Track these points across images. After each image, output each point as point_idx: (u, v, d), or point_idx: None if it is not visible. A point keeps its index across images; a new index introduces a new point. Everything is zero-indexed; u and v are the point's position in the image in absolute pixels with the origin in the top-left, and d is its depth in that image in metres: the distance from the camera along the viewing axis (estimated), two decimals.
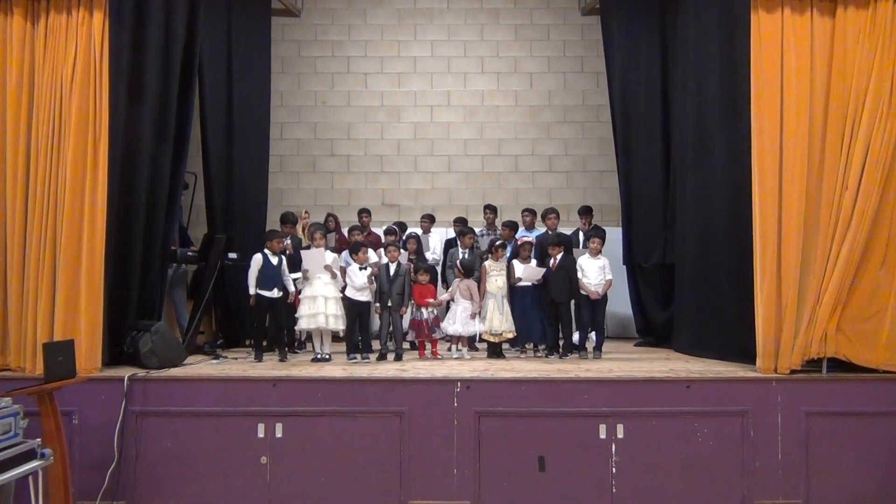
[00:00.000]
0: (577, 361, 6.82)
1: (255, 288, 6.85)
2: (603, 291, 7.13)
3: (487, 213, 9.13)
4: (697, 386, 5.58)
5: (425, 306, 7.03)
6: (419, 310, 7.02)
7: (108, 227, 6.00)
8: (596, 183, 10.79)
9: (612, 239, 8.77)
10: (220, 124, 8.47)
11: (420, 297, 7.07)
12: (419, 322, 7.01)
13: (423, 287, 7.09)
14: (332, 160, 10.99)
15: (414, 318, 7.03)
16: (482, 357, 7.23)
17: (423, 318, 6.98)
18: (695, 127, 7.28)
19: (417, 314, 7.03)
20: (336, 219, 9.13)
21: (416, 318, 7.01)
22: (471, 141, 11.02)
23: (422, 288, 7.08)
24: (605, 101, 9.63)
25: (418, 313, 7.02)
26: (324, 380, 5.70)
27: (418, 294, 7.08)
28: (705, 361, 6.65)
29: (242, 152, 8.81)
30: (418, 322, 7.01)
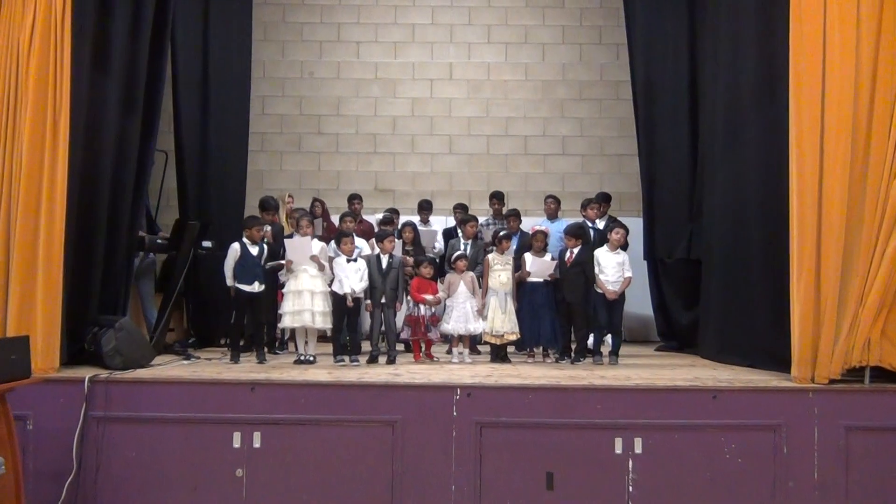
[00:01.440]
0: (591, 367, 6.82)
1: (233, 280, 6.86)
2: (621, 290, 7.13)
3: (493, 201, 9.12)
4: (725, 396, 5.58)
5: (422, 302, 7.03)
6: (417, 305, 7.02)
7: (69, 211, 5.98)
8: (614, 168, 10.79)
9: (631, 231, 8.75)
10: (195, 97, 8.45)
11: (417, 291, 7.07)
12: (416, 318, 7.01)
13: (423, 281, 7.08)
14: (319, 139, 10.98)
15: (410, 314, 7.04)
16: (485, 361, 7.23)
17: (420, 313, 6.99)
18: (726, 107, 7.26)
19: (415, 309, 7.03)
20: (323, 204, 9.12)
21: (413, 313, 7.02)
22: (475, 119, 11.00)
23: (422, 282, 7.07)
24: (625, 76, 9.61)
25: (416, 308, 7.03)
26: (307, 384, 5.70)
27: (416, 288, 7.08)
28: (734, 369, 6.65)
29: (219, 129, 8.80)
30: (415, 318, 7.02)
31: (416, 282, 7.12)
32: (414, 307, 7.06)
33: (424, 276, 7.13)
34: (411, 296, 7.10)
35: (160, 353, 7.10)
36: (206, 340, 8.27)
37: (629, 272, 7.20)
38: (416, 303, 7.06)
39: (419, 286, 7.11)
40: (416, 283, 7.12)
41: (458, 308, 7.06)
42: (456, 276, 7.15)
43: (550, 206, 8.91)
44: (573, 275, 7.12)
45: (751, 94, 6.79)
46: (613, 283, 7.12)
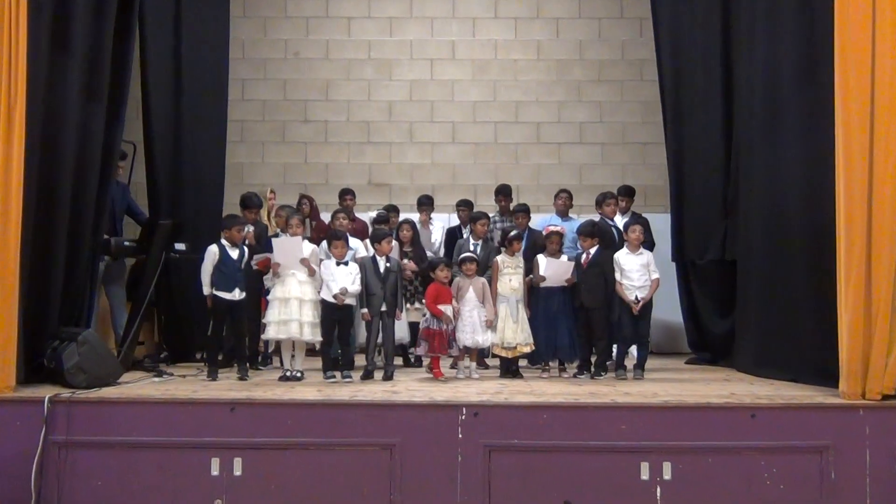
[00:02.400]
0: (614, 382, 6.82)
1: (210, 287, 6.86)
2: (650, 295, 7.12)
3: (500, 196, 9.11)
4: (765, 415, 5.57)
5: (439, 315, 6.90)
6: (434, 317, 6.94)
7: (25, 210, 5.98)
8: (638, 158, 10.77)
9: (658, 229, 8.77)
10: (166, 81, 8.45)
11: (436, 301, 6.92)
12: (434, 333, 6.89)
13: (442, 288, 6.97)
14: (306, 127, 10.98)
15: (427, 327, 6.93)
16: (493, 376, 7.23)
17: (440, 327, 6.89)
18: (763, 88, 7.25)
19: (432, 322, 6.92)
20: (311, 201, 9.13)
21: (431, 326, 6.93)
22: (481, 104, 10.99)
23: (440, 289, 6.96)
24: (650, 54, 9.60)
25: (433, 321, 6.93)
26: (294, 403, 5.70)
27: (434, 297, 6.94)
28: (775, 384, 6.65)
29: (194, 117, 8.80)
30: (432, 332, 6.89)
31: (433, 289, 6.98)
32: (431, 319, 6.95)
33: (442, 281, 7.00)
34: (427, 307, 6.98)
35: (129, 369, 7.10)
36: (180, 355, 8.27)
37: (656, 273, 7.19)
38: (433, 314, 6.93)
39: (438, 294, 6.96)
40: (434, 290, 6.97)
41: (465, 317, 7.03)
42: (465, 280, 7.12)
43: (563, 201, 8.88)
44: (591, 277, 7.11)
45: (791, 74, 6.78)
46: (640, 289, 7.11)
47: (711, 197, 8.51)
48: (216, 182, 9.28)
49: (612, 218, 8.29)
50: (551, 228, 7.38)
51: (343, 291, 6.71)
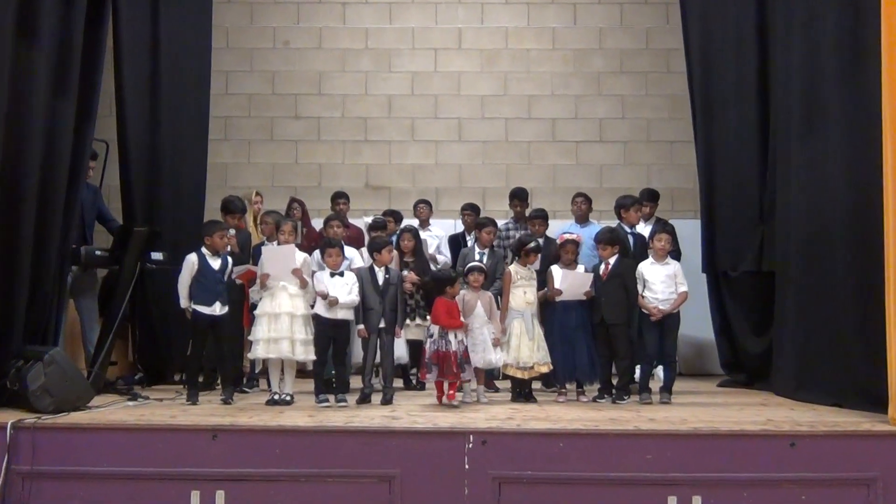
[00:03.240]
0: (638, 407, 6.82)
1: (188, 300, 6.88)
2: (674, 307, 7.13)
3: (514, 201, 9.12)
4: (806, 443, 5.55)
5: (455, 328, 6.76)
6: (445, 336, 6.81)
7: None
8: (664, 158, 10.79)
9: (687, 237, 8.77)
10: (142, 73, 8.47)
11: (448, 316, 6.79)
12: (446, 355, 6.75)
13: (451, 303, 6.88)
14: (296, 124, 11.02)
15: (437, 350, 6.75)
16: (504, 400, 7.23)
17: (451, 348, 6.76)
18: (802, 82, 7.26)
19: (440, 343, 6.78)
20: (302, 206, 9.15)
21: (441, 348, 6.78)
22: (490, 98, 11.02)
23: (449, 304, 6.88)
24: (677, 43, 9.62)
25: (441, 342, 6.78)
26: (283, 430, 5.69)
27: (445, 313, 6.82)
28: (817, 409, 6.64)
29: (172, 113, 8.82)
30: (445, 354, 6.74)
31: (444, 304, 6.83)
32: (440, 339, 6.79)
33: (448, 297, 6.85)
34: (438, 322, 6.79)
35: (100, 392, 7.10)
36: (156, 376, 8.28)
37: (684, 286, 7.19)
38: (443, 332, 6.77)
39: (450, 310, 6.83)
40: (445, 305, 6.83)
41: (474, 335, 7.00)
42: (472, 293, 7.12)
43: (580, 206, 8.87)
44: (612, 289, 7.11)
45: (833, 68, 6.79)
46: (664, 302, 7.12)
47: (746, 201, 8.51)
48: (197, 185, 9.31)
49: (633, 225, 8.25)
50: (566, 236, 7.37)
51: (333, 300, 6.71)
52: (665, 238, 7.28)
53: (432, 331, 6.84)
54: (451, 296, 6.90)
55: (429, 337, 6.86)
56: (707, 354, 9.44)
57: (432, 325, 6.88)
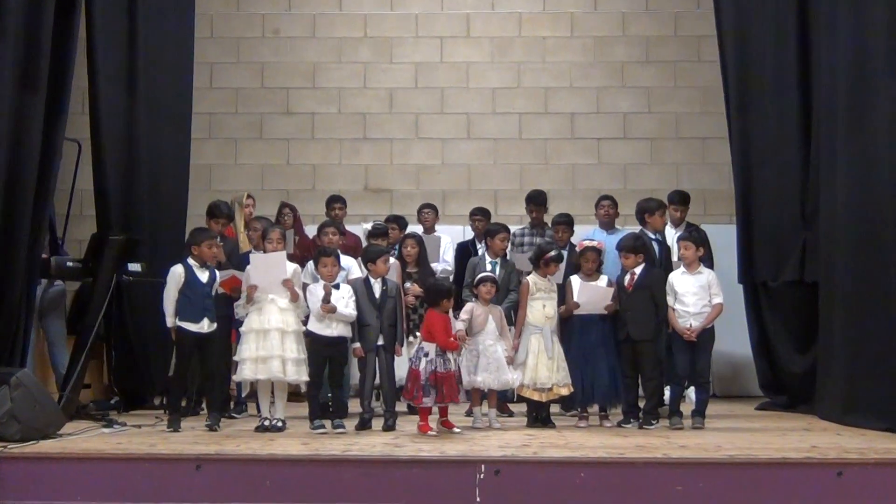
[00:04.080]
0: (667, 433, 6.81)
1: (174, 317, 6.90)
2: (708, 323, 7.11)
3: (531, 205, 9.11)
4: (854, 472, 5.53)
5: (453, 348, 6.79)
6: (442, 355, 6.77)
7: None
8: (695, 156, 10.78)
9: (721, 244, 8.74)
10: (118, 66, 8.50)
11: (446, 335, 6.76)
12: (447, 375, 6.74)
13: (445, 318, 6.87)
14: (288, 121, 11.03)
15: (435, 371, 6.70)
16: (519, 425, 7.23)
17: (450, 367, 6.77)
18: (849, 76, 7.25)
19: (438, 362, 6.74)
20: (294, 211, 9.13)
21: (439, 368, 6.72)
22: (503, 91, 11.03)
23: (445, 319, 6.86)
24: (709, 29, 9.62)
25: (439, 361, 6.75)
26: (274, 459, 5.69)
27: (443, 330, 6.76)
28: (866, 434, 6.62)
29: (151, 109, 8.85)
30: (446, 375, 6.73)
31: (439, 319, 6.82)
32: (437, 358, 6.75)
33: (443, 311, 6.87)
34: (436, 340, 6.74)
35: (72, 418, 7.11)
36: (134, 400, 8.29)
37: (719, 297, 7.16)
38: (441, 351, 6.74)
39: (446, 327, 6.82)
40: (441, 320, 6.82)
41: (487, 353, 7.02)
42: (482, 306, 7.14)
43: (607, 210, 8.84)
44: (638, 302, 7.11)
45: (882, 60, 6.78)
46: (697, 316, 7.10)
47: (787, 204, 8.51)
48: (178, 188, 9.33)
49: (659, 231, 8.22)
50: (586, 243, 7.38)
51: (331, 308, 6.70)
52: (689, 245, 7.23)
53: (427, 349, 6.77)
54: (444, 310, 6.90)
55: (423, 356, 6.76)
56: (744, 374, 9.42)
57: (425, 343, 6.81)
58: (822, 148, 7.90)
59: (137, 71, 8.71)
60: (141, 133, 8.70)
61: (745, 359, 9.14)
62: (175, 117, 9.37)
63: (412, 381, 6.77)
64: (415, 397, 6.79)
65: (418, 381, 6.72)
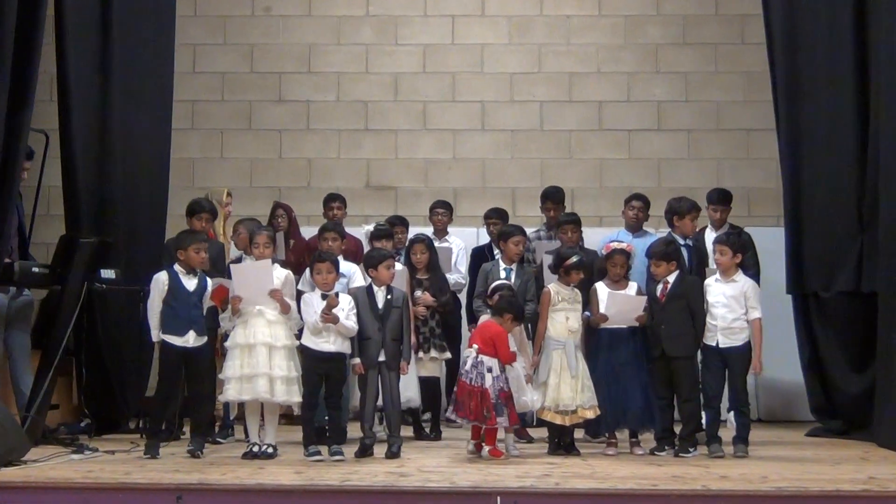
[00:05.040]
0: (706, 462, 6.79)
1: (159, 330, 6.91)
2: (759, 352, 7.05)
3: (548, 203, 9.12)
4: None
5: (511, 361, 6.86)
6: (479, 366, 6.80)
7: None
8: (739, 150, 10.77)
9: (767, 249, 8.73)
10: (91, 49, 8.52)
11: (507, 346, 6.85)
12: (478, 391, 6.75)
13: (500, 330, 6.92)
14: (280, 110, 11.05)
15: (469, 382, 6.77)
16: (539, 451, 7.23)
17: (485, 384, 6.75)
18: None
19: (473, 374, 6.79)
20: (289, 212, 9.14)
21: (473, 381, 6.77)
22: (521, 77, 11.04)
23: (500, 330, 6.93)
24: (754, 7, 9.63)
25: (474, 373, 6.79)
26: (264, 490, 5.69)
27: (507, 342, 6.85)
28: None
29: (127, 96, 8.87)
30: (476, 391, 6.76)
31: (502, 331, 6.90)
32: (472, 369, 6.83)
33: (507, 326, 6.91)
34: (498, 354, 6.82)
35: (38, 442, 7.13)
36: (107, 423, 8.30)
37: (756, 311, 7.12)
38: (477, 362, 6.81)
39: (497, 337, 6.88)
40: (505, 334, 6.90)
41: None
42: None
43: (638, 212, 8.80)
44: (673, 314, 7.10)
45: None
46: (726, 331, 7.06)
47: (842, 205, 8.50)
48: (158, 185, 9.34)
49: (689, 236, 8.18)
50: (613, 245, 7.35)
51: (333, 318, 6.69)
52: (724, 250, 7.16)
53: (489, 364, 6.80)
54: (508, 326, 6.95)
55: (486, 371, 6.79)
56: (793, 396, 9.42)
57: (485, 357, 6.83)
58: (882, 141, 7.88)
59: (112, 54, 8.71)
60: (116, 123, 8.70)
61: (795, 379, 9.13)
62: (154, 106, 9.38)
63: (477, 399, 6.75)
64: (486, 417, 6.74)
65: (487, 399, 6.72)
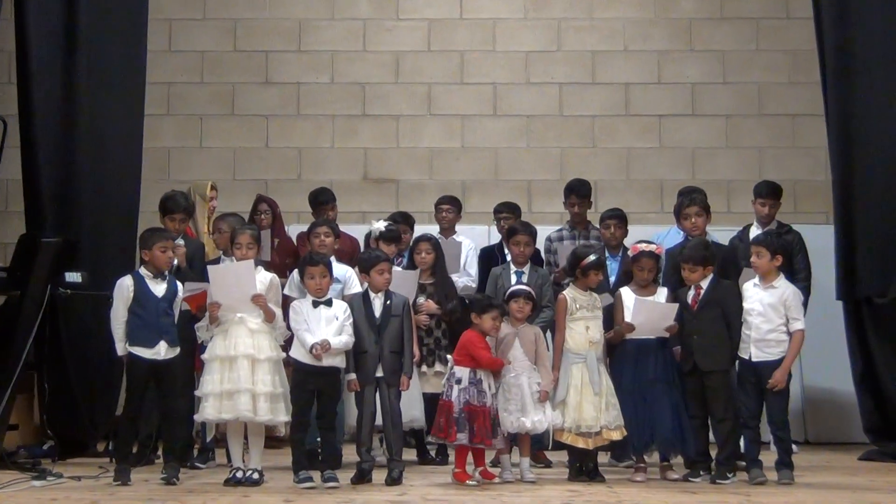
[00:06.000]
0: (747, 489, 6.80)
1: (124, 342, 6.92)
2: (787, 366, 7.00)
3: (571, 197, 9.11)
4: None
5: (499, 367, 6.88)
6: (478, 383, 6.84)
7: None
8: (783, 138, 10.77)
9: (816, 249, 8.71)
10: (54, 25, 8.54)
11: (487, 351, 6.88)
12: (480, 410, 6.81)
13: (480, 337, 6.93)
14: (267, 93, 11.07)
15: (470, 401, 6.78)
16: (559, 478, 7.24)
17: (486, 402, 6.82)
18: None
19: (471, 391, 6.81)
20: (273, 207, 9.15)
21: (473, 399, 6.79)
22: (538, 56, 11.05)
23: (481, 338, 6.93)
24: None
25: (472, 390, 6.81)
26: None
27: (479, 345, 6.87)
28: None
29: (95, 78, 8.88)
30: (478, 410, 6.80)
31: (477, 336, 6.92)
32: (471, 387, 6.85)
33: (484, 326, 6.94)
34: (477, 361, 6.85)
35: None
36: (73, 445, 8.31)
37: (798, 322, 7.07)
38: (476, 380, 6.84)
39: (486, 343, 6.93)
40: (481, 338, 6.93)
41: (506, 386, 7.03)
42: (508, 327, 7.13)
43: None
44: (707, 323, 7.10)
45: None
46: (759, 343, 7.03)
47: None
48: (129, 178, 9.34)
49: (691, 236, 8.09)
50: (641, 247, 7.34)
51: (324, 345, 6.72)
52: (761, 251, 7.12)
53: (459, 374, 6.86)
54: (486, 329, 6.94)
55: (455, 383, 6.85)
56: (844, 414, 9.42)
57: (458, 368, 6.89)
58: None
59: (78, 31, 8.73)
60: (82, 109, 8.72)
61: (846, 395, 9.15)
62: (125, 89, 9.38)
63: (444, 413, 6.83)
64: (448, 434, 6.81)
65: (451, 412, 6.78)
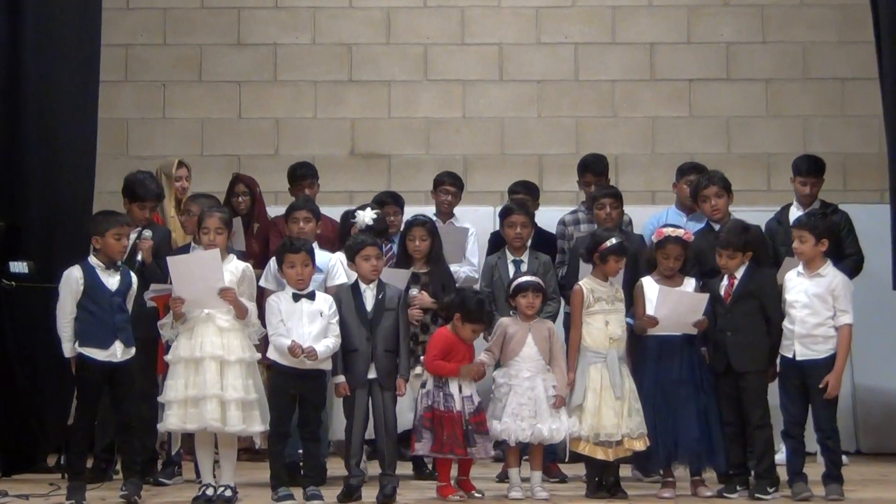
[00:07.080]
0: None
1: (73, 342, 6.93)
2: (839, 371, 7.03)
3: (587, 174, 9.13)
4: None
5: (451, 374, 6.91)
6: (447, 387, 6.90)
7: None
8: (831, 106, 10.77)
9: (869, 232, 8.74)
10: None
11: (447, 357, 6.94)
12: (446, 416, 6.89)
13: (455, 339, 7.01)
14: (240, 56, 11.09)
15: (435, 407, 6.88)
16: (575, 494, 7.29)
17: (453, 406, 6.89)
18: None
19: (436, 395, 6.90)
20: (252, 187, 9.17)
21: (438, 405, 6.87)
22: (550, 13, 11.06)
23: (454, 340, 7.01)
24: None
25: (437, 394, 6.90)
26: None
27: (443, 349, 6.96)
28: None
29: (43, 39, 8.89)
30: (444, 416, 6.88)
31: (442, 339, 7.03)
32: (435, 391, 6.96)
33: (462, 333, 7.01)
34: (428, 366, 7.01)
35: None
36: (20, 459, 8.36)
37: (846, 316, 7.10)
38: (441, 383, 6.95)
39: (450, 348, 7.00)
40: (444, 340, 7.02)
41: (519, 389, 7.07)
42: (518, 324, 7.18)
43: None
44: (742, 317, 7.14)
45: None
46: (804, 340, 7.04)
47: None
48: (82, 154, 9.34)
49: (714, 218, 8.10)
50: (666, 231, 7.35)
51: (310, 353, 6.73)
52: (805, 236, 7.11)
53: (425, 377, 6.99)
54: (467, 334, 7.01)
55: (421, 387, 6.99)
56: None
57: (424, 371, 7.04)
58: None
59: None
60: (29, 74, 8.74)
61: None
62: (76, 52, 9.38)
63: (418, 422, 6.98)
64: None
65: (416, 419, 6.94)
